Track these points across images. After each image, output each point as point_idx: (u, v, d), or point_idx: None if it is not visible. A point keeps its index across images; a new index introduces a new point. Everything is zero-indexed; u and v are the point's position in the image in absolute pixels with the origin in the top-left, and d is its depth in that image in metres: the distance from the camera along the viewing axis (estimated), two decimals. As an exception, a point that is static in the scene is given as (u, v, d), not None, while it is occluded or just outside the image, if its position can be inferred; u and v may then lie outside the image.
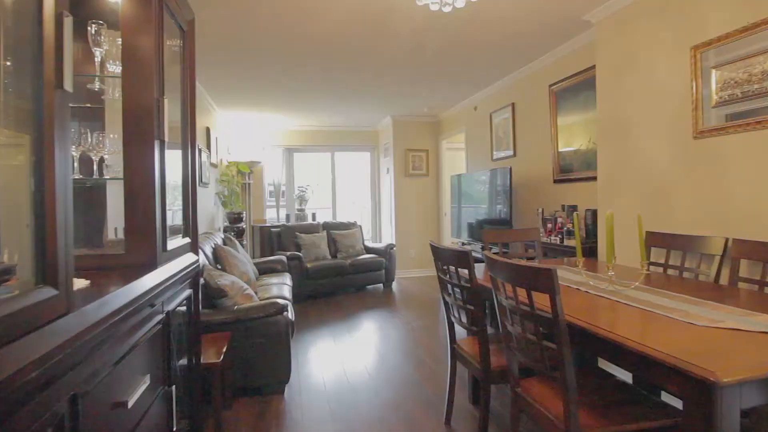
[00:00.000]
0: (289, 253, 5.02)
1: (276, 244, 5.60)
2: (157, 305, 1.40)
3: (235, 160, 6.06)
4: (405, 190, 6.49)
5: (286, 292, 3.64)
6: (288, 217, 6.21)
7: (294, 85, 4.53)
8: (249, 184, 6.35)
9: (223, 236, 4.25)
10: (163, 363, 1.44)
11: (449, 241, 6.21)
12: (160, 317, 1.40)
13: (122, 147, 1.38)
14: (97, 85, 1.52)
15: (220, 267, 3.43)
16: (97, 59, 1.48)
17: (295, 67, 3.95)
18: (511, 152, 4.46)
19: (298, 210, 6.29)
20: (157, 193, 1.41)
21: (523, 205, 4.26)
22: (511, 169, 3.88)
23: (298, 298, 5.02)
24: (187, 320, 1.83)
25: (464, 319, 2.14)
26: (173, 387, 1.45)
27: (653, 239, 2.43)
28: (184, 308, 1.74)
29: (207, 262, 3.14)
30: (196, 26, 1.95)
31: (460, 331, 2.30)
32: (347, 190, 8.22)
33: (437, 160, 6.57)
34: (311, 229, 5.71)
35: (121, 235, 1.50)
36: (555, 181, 3.79)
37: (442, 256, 2.17)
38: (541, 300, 1.45)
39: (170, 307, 1.52)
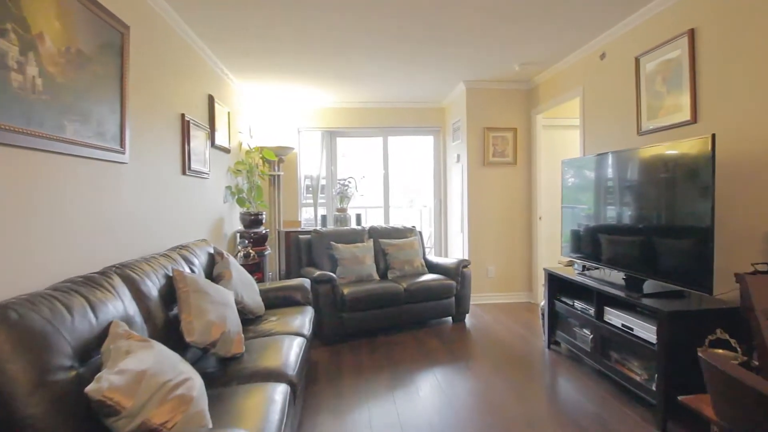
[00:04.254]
0: (317, 273, 3.50)
1: (305, 256, 4.12)
2: None
3: (261, 145, 4.68)
4: (482, 184, 4.74)
5: (293, 356, 2.10)
6: (324, 219, 4.73)
7: (326, 38, 3.00)
8: (278, 176, 4.95)
9: (212, 250, 2.81)
10: None
11: (554, 260, 4.37)
12: None
13: None
14: None
15: (173, 313, 1.96)
16: None
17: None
18: (684, 117, 2.58)
19: (338, 210, 4.78)
20: None
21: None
22: (714, 139, 2.02)
23: (329, 338, 3.49)
24: None
25: None
26: None
27: None
28: None
29: (135, 313, 1.67)
30: None
31: None
32: (403, 186, 6.62)
33: (529, 143, 4.74)
34: (352, 237, 4.16)
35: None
36: (815, 163, 1.89)
37: None
38: None
39: None
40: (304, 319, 2.71)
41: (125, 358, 1.30)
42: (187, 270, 2.29)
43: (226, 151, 4.03)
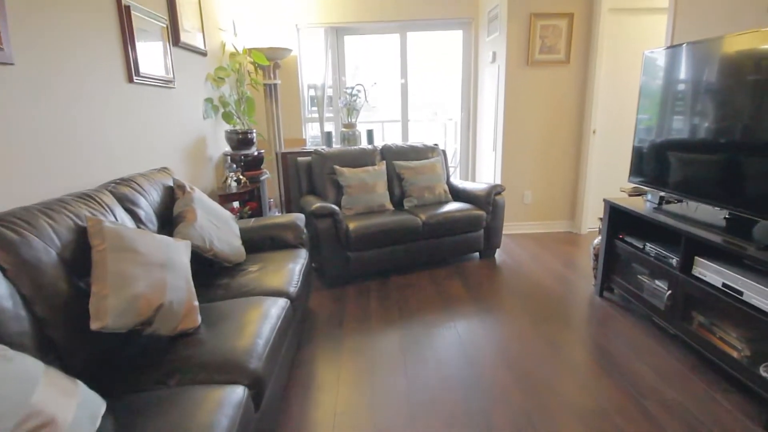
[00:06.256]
0: (315, 205, 2.87)
1: (305, 183, 3.48)
2: None
3: (249, 47, 3.82)
4: (523, 89, 3.80)
5: (265, 332, 1.55)
6: (328, 136, 3.98)
7: None
8: (275, 85, 4.14)
9: (171, 182, 2.19)
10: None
11: (609, 185, 3.60)
12: None
13: None
14: None
15: (84, 282, 1.40)
16: None
17: None
18: None
19: (345, 126, 4.00)
20: None
21: None
22: None
23: (332, 281, 2.98)
24: None
25: None
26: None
27: None
28: None
29: (4, 295, 1.10)
30: None
31: None
32: (426, 95, 5.67)
33: (588, 34, 3.67)
34: (361, 159, 3.45)
35: None
36: None
37: None
38: None
39: None
40: (293, 270, 2.14)
41: None
42: (121, 216, 1.69)
43: (201, 53, 3.21)
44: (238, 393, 1.22)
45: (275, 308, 1.73)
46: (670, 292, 2.07)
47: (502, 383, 1.90)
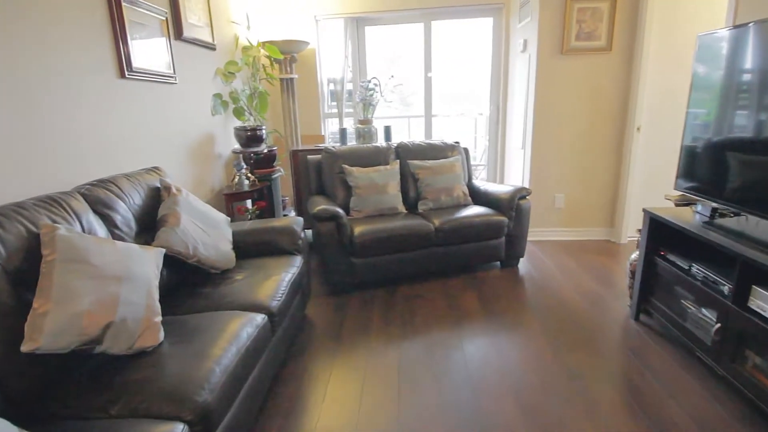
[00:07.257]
0: (318, 207, 2.69)
1: (315, 183, 3.32)
2: None
3: (264, 40, 3.69)
4: (556, 80, 3.44)
5: (225, 360, 1.38)
6: (342, 133, 3.78)
7: None
8: (291, 79, 4.00)
9: (158, 184, 2.08)
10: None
11: (653, 191, 3.21)
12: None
13: None
14: None
15: (27, 298, 1.28)
16: None
17: None
18: None
19: (360, 122, 3.79)
20: None
21: None
22: None
23: (336, 288, 2.81)
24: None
25: None
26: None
27: None
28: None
29: None
30: None
31: None
32: (453, 89, 5.38)
33: (635, 16, 3.25)
34: (373, 158, 3.23)
35: None
36: None
37: None
38: None
39: None
40: (281, 280, 1.97)
41: None
42: (90, 222, 1.58)
43: (209, 47, 3.11)
44: (173, 435, 1.06)
45: (249, 327, 1.56)
46: (719, 325, 1.72)
47: (507, 419, 1.64)
